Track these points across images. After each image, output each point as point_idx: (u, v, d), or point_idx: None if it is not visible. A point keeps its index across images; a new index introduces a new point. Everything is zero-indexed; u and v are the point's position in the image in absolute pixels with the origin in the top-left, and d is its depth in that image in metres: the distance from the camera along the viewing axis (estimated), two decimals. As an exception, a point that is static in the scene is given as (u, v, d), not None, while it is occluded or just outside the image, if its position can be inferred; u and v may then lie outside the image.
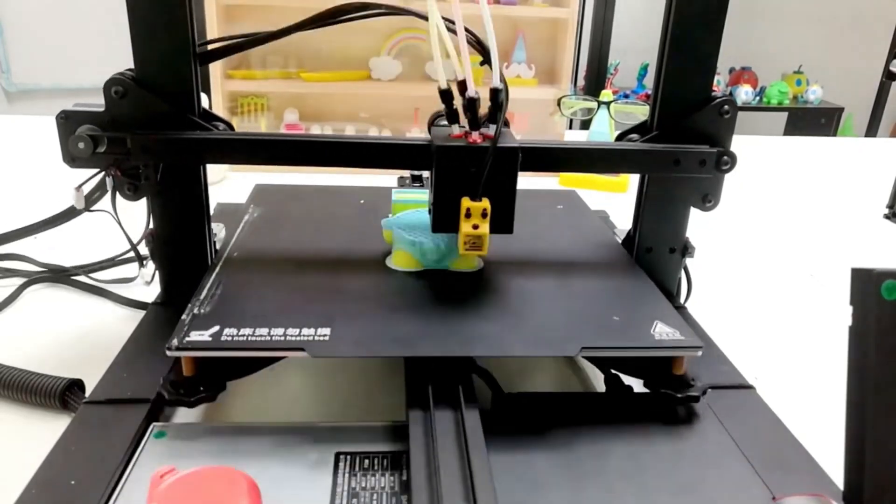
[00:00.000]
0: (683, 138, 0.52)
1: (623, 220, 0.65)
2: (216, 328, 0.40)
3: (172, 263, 0.53)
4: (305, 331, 0.40)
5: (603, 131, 1.04)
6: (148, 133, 0.47)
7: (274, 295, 0.45)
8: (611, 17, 2.40)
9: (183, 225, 0.52)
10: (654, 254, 0.56)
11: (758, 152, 1.32)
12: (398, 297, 0.47)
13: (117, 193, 0.49)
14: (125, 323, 0.57)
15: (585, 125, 1.41)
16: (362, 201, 0.65)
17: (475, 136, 0.46)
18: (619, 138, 0.55)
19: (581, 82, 2.58)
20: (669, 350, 0.42)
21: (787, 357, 0.59)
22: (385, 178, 0.62)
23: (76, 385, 0.46)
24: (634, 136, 0.54)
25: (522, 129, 1.14)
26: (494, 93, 0.45)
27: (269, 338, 0.40)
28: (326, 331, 0.41)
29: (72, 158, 0.47)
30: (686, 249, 0.56)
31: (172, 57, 0.47)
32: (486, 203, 0.45)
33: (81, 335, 0.56)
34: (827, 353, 0.59)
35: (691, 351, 0.42)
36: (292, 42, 1.13)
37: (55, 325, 0.57)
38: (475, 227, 0.45)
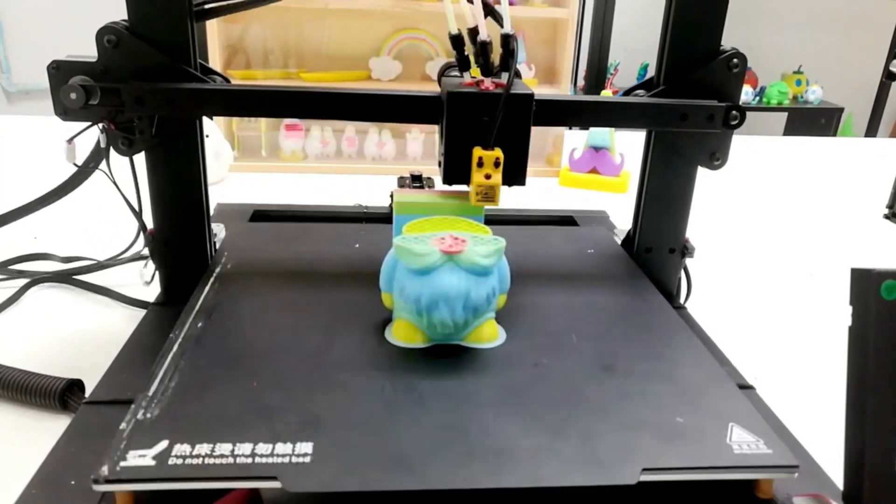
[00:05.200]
0: (691, 93, 0.50)
1: (623, 220, 0.65)
2: (164, 444, 0.32)
3: (172, 263, 0.53)
4: (280, 447, 0.32)
5: (602, 131, 1.04)
6: (143, 84, 0.45)
7: (243, 388, 0.37)
8: (611, 17, 2.40)
9: (183, 225, 0.52)
10: (654, 254, 0.56)
11: (758, 152, 1.31)
12: (401, 390, 0.38)
13: (111, 149, 0.48)
14: (125, 323, 0.57)
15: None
16: (357, 245, 0.57)
17: (487, 84, 0.45)
18: (626, 94, 0.54)
19: (581, 82, 2.57)
20: (757, 471, 0.33)
21: (787, 357, 0.59)
22: (385, 179, 0.61)
23: (76, 385, 0.46)
24: (641, 91, 0.53)
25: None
26: (506, 39, 0.44)
27: (231, 459, 0.31)
28: (308, 447, 0.32)
29: (64, 111, 0.45)
30: (686, 249, 0.56)
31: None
32: (498, 152, 0.44)
33: (82, 335, 0.56)
34: (826, 354, 0.59)
35: (786, 471, 0.33)
36: (292, 42, 1.13)
37: (55, 326, 0.57)
38: (487, 176, 0.44)
